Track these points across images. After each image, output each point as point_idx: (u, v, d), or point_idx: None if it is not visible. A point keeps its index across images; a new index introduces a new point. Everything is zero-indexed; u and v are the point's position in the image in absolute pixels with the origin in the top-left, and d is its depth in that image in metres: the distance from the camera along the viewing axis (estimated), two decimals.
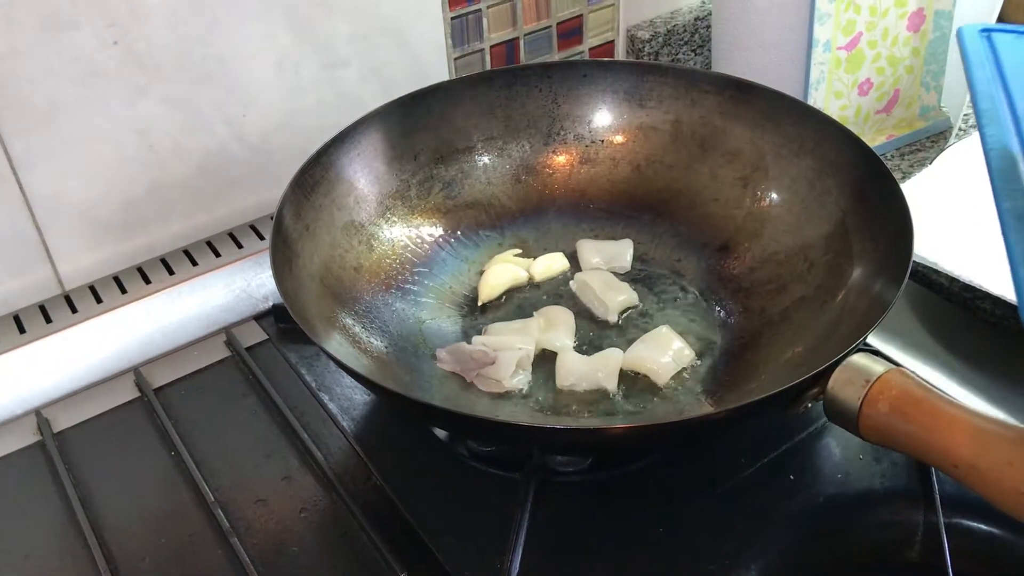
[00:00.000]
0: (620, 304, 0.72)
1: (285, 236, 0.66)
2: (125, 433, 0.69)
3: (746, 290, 0.72)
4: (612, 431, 0.58)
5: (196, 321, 0.77)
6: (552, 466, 0.62)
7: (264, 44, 0.80)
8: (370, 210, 0.75)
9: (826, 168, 0.71)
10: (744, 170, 0.76)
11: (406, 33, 0.87)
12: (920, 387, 0.51)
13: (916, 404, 0.50)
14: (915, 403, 0.51)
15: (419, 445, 0.65)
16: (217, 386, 0.72)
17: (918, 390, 0.51)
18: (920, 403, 0.50)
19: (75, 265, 0.79)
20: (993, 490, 0.47)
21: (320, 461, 0.64)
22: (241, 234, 0.84)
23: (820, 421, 0.64)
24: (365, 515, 0.60)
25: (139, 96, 0.76)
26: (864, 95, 0.92)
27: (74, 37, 0.71)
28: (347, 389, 0.70)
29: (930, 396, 0.51)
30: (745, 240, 0.74)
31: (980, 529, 0.59)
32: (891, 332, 0.73)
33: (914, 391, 0.51)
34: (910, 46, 0.91)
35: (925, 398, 0.51)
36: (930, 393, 0.51)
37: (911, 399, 0.51)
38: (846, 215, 0.69)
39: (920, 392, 0.51)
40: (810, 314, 0.67)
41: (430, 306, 0.74)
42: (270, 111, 0.83)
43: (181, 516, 0.62)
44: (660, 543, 0.58)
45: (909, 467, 0.61)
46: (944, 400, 0.51)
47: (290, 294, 0.62)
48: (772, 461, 0.62)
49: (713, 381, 0.67)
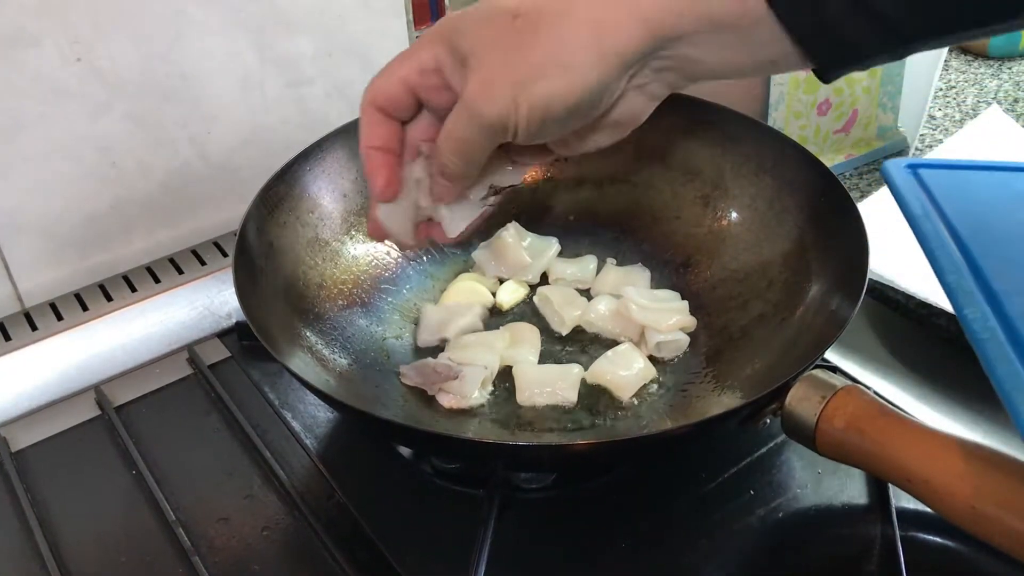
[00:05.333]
0: (576, 319, 0.73)
1: (248, 253, 0.66)
2: (85, 452, 0.68)
3: (707, 307, 0.73)
4: (573, 447, 0.58)
5: (158, 338, 0.77)
6: (515, 482, 0.62)
7: (228, 62, 0.80)
8: (335, 227, 0.75)
9: (785, 187, 0.72)
10: (705, 188, 0.77)
11: (371, 52, 0.87)
12: (874, 403, 0.52)
13: (871, 420, 0.51)
14: (870, 419, 0.51)
15: (382, 462, 0.65)
16: (179, 404, 0.72)
17: (872, 406, 0.52)
18: (874, 419, 0.51)
19: (35, 282, 0.78)
20: (945, 504, 0.48)
21: (283, 479, 0.64)
22: (204, 251, 0.83)
23: (780, 436, 0.65)
24: (328, 533, 0.60)
25: (102, 113, 0.76)
26: (823, 115, 0.93)
27: (36, 54, 0.71)
28: (310, 407, 0.70)
29: (884, 412, 0.52)
30: (706, 257, 0.75)
31: (935, 542, 0.60)
32: (849, 347, 0.74)
33: (869, 407, 0.52)
34: None
35: (879, 414, 0.52)
36: (884, 409, 0.52)
37: (866, 415, 0.52)
38: (804, 233, 0.70)
39: (874, 408, 0.52)
40: (769, 331, 0.68)
41: (395, 323, 0.74)
42: (234, 128, 0.83)
43: (142, 535, 0.61)
44: (622, 558, 0.58)
45: (866, 482, 0.62)
46: (898, 416, 0.52)
47: (253, 311, 0.62)
48: (732, 476, 0.63)
49: (675, 396, 0.67)
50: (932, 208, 0.55)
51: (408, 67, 0.51)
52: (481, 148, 0.50)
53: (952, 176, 0.59)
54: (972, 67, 1.13)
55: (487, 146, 0.50)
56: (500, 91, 0.47)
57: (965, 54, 1.15)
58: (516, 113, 0.47)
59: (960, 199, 0.56)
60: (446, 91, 0.50)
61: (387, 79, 0.52)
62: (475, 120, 0.48)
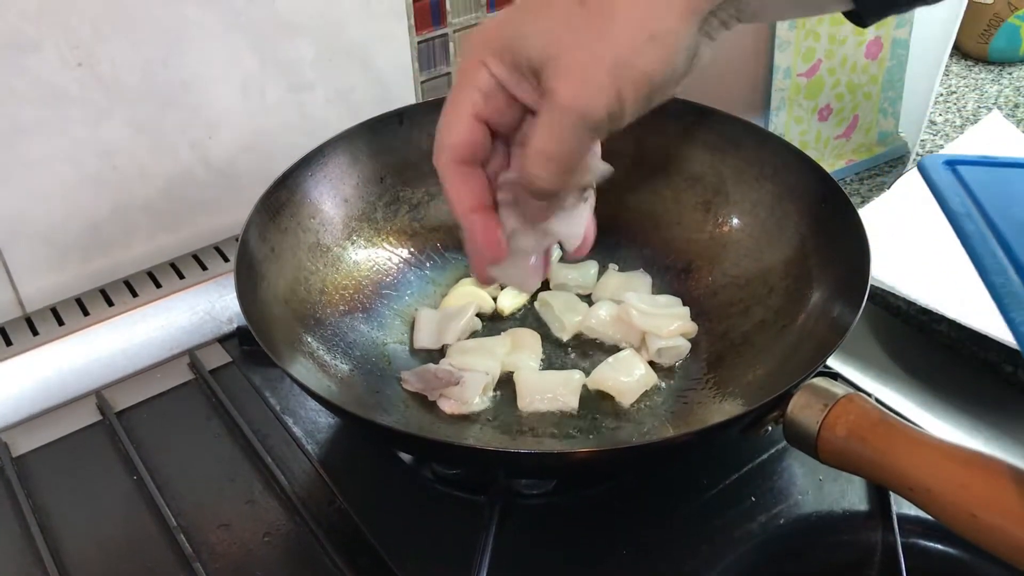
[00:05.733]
0: (577, 325, 0.73)
1: (250, 258, 0.66)
2: (86, 457, 0.68)
3: (708, 313, 0.73)
4: (574, 455, 0.59)
5: (159, 343, 0.77)
6: (517, 488, 0.62)
7: (229, 67, 0.80)
8: (336, 232, 0.75)
9: (786, 193, 0.72)
10: (706, 194, 0.77)
11: (372, 56, 0.87)
12: (876, 411, 0.52)
13: (872, 428, 0.51)
14: (871, 427, 0.51)
15: (384, 468, 0.65)
16: (180, 409, 0.72)
17: (874, 414, 0.52)
18: (876, 427, 0.51)
19: (37, 287, 0.78)
20: (947, 512, 0.48)
21: (284, 485, 0.64)
22: (206, 256, 0.83)
23: (781, 443, 0.64)
24: (329, 539, 0.60)
25: (103, 118, 0.76)
26: (824, 121, 0.93)
27: (37, 59, 0.71)
28: (312, 412, 0.70)
29: (886, 420, 0.52)
30: (707, 263, 0.75)
31: (936, 549, 0.60)
32: (850, 354, 0.74)
33: (870, 415, 0.52)
34: (868, 73, 0.93)
35: (881, 422, 0.52)
36: (886, 417, 0.52)
37: (867, 423, 0.52)
38: (805, 240, 0.70)
39: (876, 416, 0.52)
40: (771, 337, 0.68)
41: (396, 328, 0.74)
42: (235, 134, 0.83)
43: (143, 541, 0.61)
44: (623, 565, 0.58)
45: (867, 489, 0.62)
46: (899, 424, 0.52)
47: (254, 316, 0.62)
48: (734, 482, 0.63)
49: (676, 403, 0.67)
50: (973, 206, 0.54)
51: (469, 101, 0.47)
52: (581, 151, 0.47)
53: (991, 173, 0.58)
54: (973, 72, 1.13)
55: (588, 147, 0.47)
56: (600, 84, 0.43)
57: (966, 59, 1.16)
58: (622, 100, 0.44)
59: (1001, 197, 0.55)
60: (513, 107, 0.47)
61: (455, 126, 0.48)
62: (579, 123, 0.45)
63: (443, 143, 0.48)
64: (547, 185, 0.48)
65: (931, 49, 0.91)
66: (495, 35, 0.46)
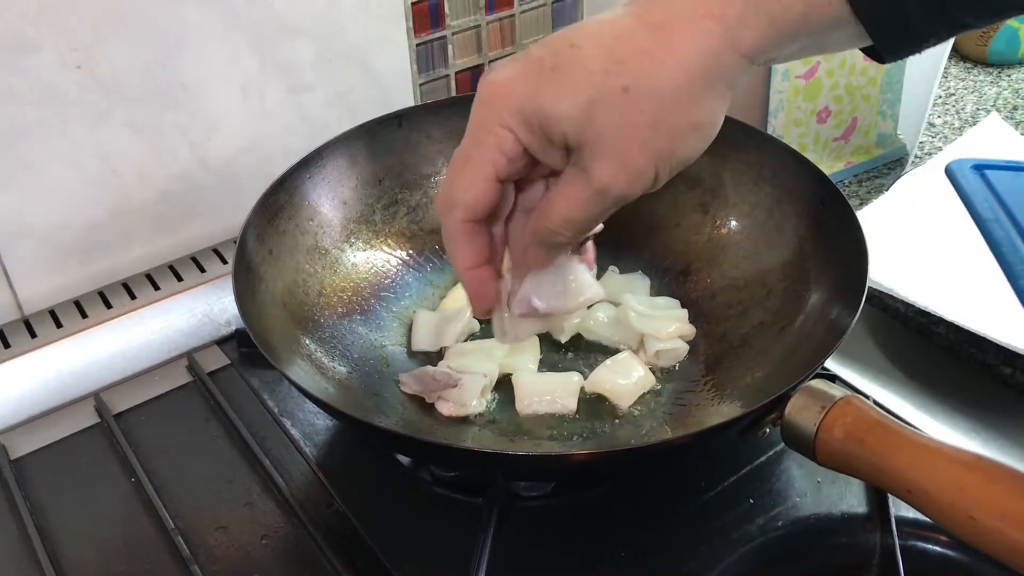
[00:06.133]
0: (575, 327, 0.73)
1: (248, 261, 0.66)
2: (84, 459, 0.68)
3: (707, 315, 0.73)
4: (572, 457, 0.59)
5: (157, 346, 0.77)
6: (515, 491, 0.62)
7: (228, 69, 0.80)
8: (334, 235, 0.75)
9: (784, 196, 0.72)
10: (704, 197, 0.77)
11: (371, 59, 0.88)
12: (874, 413, 0.52)
13: (870, 430, 0.51)
14: (869, 429, 0.51)
15: (382, 470, 0.65)
16: (178, 411, 0.72)
17: (872, 416, 0.52)
18: (874, 429, 0.51)
19: (35, 289, 0.78)
20: (945, 515, 0.48)
21: (282, 487, 0.64)
22: (204, 258, 0.83)
23: (779, 445, 0.64)
24: (327, 541, 0.60)
25: (102, 120, 0.76)
26: (822, 123, 0.93)
27: (36, 60, 0.71)
28: (310, 414, 0.70)
29: (884, 422, 0.52)
30: (705, 265, 0.75)
31: (934, 551, 0.60)
32: (848, 356, 0.74)
33: (868, 417, 0.52)
34: (867, 75, 0.93)
35: (879, 424, 0.51)
36: (884, 419, 0.52)
37: (865, 425, 0.52)
38: (804, 242, 0.70)
39: (874, 418, 0.52)
40: (769, 339, 0.68)
41: (394, 330, 0.74)
42: (234, 136, 0.83)
43: (141, 543, 0.61)
44: (621, 566, 0.58)
45: (866, 491, 0.62)
46: (897, 426, 0.51)
47: (252, 319, 0.62)
48: (732, 485, 0.63)
49: (674, 405, 0.67)
50: (1002, 211, 0.54)
51: (492, 163, 0.46)
52: (604, 216, 0.48)
53: (1018, 178, 0.58)
54: (971, 74, 1.13)
55: (611, 213, 0.48)
56: (641, 170, 0.44)
57: (964, 61, 1.16)
58: (657, 180, 0.45)
59: None
60: (532, 166, 0.48)
61: (475, 186, 0.47)
62: (613, 199, 0.45)
63: (457, 200, 0.47)
64: (565, 241, 0.49)
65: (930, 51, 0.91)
66: (523, 102, 0.44)
